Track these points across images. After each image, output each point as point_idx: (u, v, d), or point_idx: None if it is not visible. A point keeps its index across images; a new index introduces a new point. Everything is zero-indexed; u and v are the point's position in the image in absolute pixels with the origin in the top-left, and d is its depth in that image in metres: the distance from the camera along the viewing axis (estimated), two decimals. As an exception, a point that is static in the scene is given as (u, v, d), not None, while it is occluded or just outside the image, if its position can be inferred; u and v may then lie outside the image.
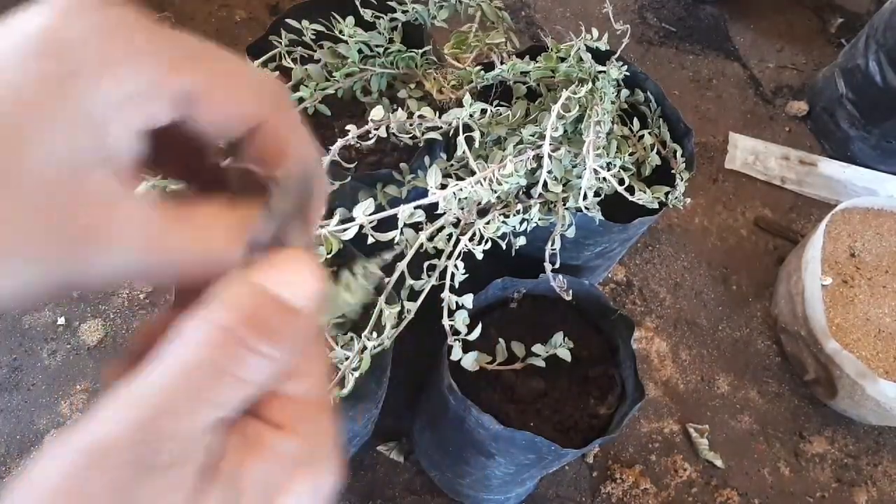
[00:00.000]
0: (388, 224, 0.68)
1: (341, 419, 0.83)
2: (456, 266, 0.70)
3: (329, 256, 0.67)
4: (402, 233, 0.68)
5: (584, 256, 0.90)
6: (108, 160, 0.20)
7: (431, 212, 0.71)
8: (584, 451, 0.83)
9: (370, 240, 0.67)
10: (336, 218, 0.67)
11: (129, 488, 0.18)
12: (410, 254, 0.70)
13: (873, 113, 1.49)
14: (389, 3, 0.86)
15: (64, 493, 0.18)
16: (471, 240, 0.71)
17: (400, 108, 0.74)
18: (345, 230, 0.66)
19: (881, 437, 1.29)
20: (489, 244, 0.72)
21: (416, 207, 0.68)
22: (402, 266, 0.70)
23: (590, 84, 0.77)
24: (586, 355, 0.88)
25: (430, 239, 0.71)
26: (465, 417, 0.79)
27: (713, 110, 1.63)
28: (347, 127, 0.72)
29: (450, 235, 0.71)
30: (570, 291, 0.80)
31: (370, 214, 0.65)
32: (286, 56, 0.82)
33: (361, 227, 0.66)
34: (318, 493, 0.22)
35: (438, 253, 0.71)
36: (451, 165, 0.78)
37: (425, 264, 0.71)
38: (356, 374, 0.66)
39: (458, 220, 0.72)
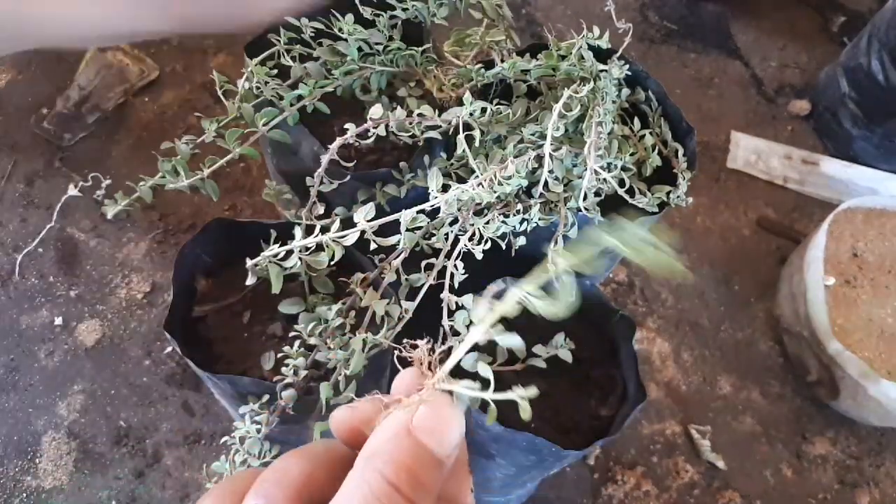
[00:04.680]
0: (390, 227, 0.67)
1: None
2: (455, 266, 0.69)
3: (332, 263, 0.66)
4: (404, 238, 0.68)
5: (586, 256, 0.89)
6: None
7: (432, 217, 0.70)
8: (585, 453, 0.83)
9: (372, 245, 0.66)
10: (336, 223, 0.66)
11: None
12: (405, 254, 0.70)
13: (876, 112, 1.48)
14: (389, 0, 0.85)
15: None
16: (470, 240, 0.70)
17: (399, 107, 0.73)
18: (345, 236, 0.65)
19: (884, 439, 1.28)
20: (489, 244, 0.71)
21: (418, 212, 0.68)
22: (396, 264, 0.70)
23: (591, 83, 0.76)
24: (587, 356, 0.88)
25: (427, 238, 0.70)
26: (466, 419, 0.78)
27: (715, 109, 1.62)
28: (346, 125, 0.71)
29: (447, 235, 0.71)
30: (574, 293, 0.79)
31: (371, 220, 0.65)
32: (285, 54, 0.81)
33: (363, 232, 0.65)
34: None
35: (436, 252, 0.71)
36: (451, 165, 0.77)
37: (423, 263, 0.70)
38: (347, 371, 0.65)
39: (456, 220, 0.72)
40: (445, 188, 0.68)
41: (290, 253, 0.66)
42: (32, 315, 1.23)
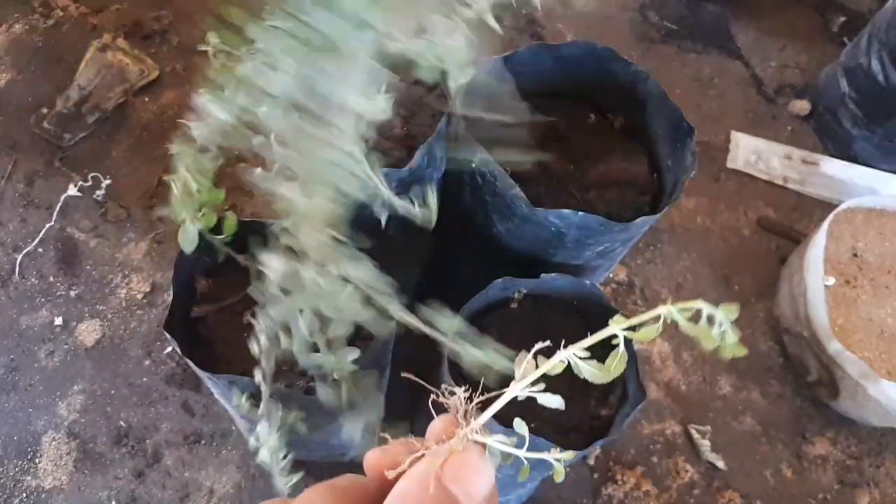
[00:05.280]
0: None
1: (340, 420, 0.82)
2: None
3: None
4: None
5: (586, 256, 0.89)
6: None
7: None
8: (585, 453, 0.83)
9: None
10: None
11: None
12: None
13: (876, 112, 1.48)
14: None
15: None
16: None
17: None
18: None
19: (883, 439, 1.28)
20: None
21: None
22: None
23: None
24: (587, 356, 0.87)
25: None
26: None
27: (715, 109, 1.62)
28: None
29: None
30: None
31: None
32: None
33: None
34: None
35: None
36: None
37: None
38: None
39: None
40: None
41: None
42: (32, 315, 1.23)
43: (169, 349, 1.21)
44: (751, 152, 1.56)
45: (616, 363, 0.30)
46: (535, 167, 0.90)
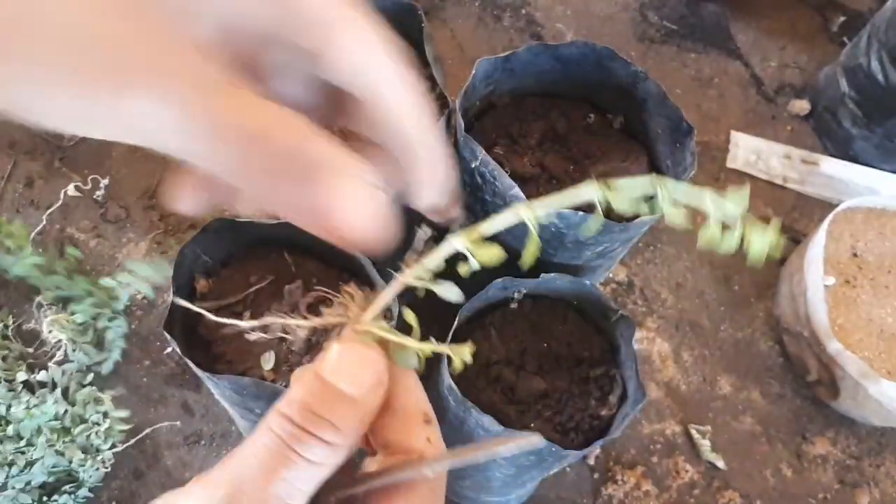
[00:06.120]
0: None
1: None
2: None
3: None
4: None
5: (585, 256, 0.89)
6: None
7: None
8: (585, 453, 0.83)
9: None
10: None
11: None
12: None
13: (876, 112, 1.48)
14: None
15: None
16: None
17: None
18: None
19: (884, 438, 1.28)
20: None
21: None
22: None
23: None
24: (587, 356, 0.88)
25: None
26: (466, 419, 0.78)
27: (715, 109, 1.62)
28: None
29: None
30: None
31: None
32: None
33: None
34: None
35: None
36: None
37: None
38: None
39: None
40: None
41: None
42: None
43: (168, 349, 1.21)
44: (750, 152, 1.56)
45: (529, 251, 0.29)
46: (535, 167, 0.90)
